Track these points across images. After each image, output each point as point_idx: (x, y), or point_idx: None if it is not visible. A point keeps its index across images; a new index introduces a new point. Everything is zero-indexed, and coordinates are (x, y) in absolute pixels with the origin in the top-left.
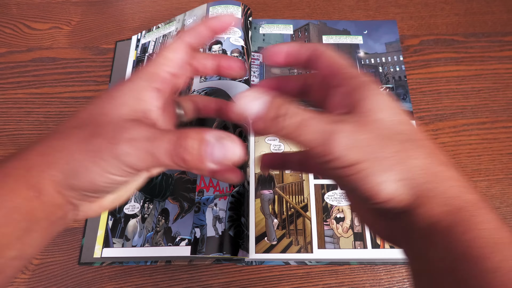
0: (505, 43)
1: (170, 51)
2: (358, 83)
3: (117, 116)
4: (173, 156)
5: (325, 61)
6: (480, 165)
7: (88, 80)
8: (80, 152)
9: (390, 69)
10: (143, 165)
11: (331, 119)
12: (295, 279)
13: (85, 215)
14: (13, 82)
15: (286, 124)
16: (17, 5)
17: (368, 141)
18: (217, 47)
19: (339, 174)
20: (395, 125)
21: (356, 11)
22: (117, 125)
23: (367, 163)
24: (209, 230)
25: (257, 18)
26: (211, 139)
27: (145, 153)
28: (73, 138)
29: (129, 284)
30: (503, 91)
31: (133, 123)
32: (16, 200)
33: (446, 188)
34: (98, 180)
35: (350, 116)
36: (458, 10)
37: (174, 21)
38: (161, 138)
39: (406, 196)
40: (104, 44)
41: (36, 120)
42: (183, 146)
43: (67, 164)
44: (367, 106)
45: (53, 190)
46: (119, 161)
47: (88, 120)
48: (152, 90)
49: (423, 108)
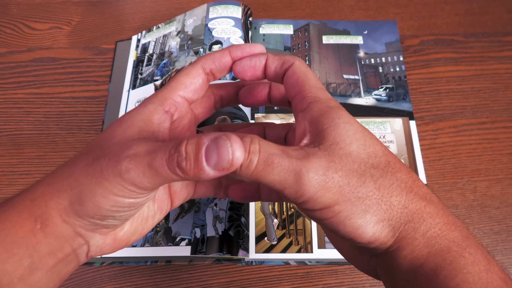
0: (505, 43)
1: (185, 76)
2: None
3: (123, 137)
4: (170, 165)
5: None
6: (480, 165)
7: (88, 80)
8: (85, 175)
9: (390, 69)
10: (145, 180)
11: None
12: (295, 279)
13: (98, 251)
14: (13, 82)
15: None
16: (17, 5)
17: (341, 179)
18: (217, 47)
19: (314, 216)
20: (367, 159)
21: (356, 11)
22: (121, 145)
23: (343, 205)
24: (209, 230)
25: (257, 18)
26: (208, 141)
27: (145, 166)
28: (80, 163)
29: (129, 284)
30: (503, 91)
31: (138, 141)
32: (18, 233)
33: (428, 227)
34: (103, 203)
35: (319, 149)
36: (458, 10)
37: (174, 21)
38: (160, 150)
39: (387, 238)
40: (104, 44)
41: (36, 120)
42: (179, 152)
43: (72, 190)
44: (336, 138)
45: (59, 219)
46: (121, 179)
47: (97, 145)
48: (162, 113)
49: (423, 108)
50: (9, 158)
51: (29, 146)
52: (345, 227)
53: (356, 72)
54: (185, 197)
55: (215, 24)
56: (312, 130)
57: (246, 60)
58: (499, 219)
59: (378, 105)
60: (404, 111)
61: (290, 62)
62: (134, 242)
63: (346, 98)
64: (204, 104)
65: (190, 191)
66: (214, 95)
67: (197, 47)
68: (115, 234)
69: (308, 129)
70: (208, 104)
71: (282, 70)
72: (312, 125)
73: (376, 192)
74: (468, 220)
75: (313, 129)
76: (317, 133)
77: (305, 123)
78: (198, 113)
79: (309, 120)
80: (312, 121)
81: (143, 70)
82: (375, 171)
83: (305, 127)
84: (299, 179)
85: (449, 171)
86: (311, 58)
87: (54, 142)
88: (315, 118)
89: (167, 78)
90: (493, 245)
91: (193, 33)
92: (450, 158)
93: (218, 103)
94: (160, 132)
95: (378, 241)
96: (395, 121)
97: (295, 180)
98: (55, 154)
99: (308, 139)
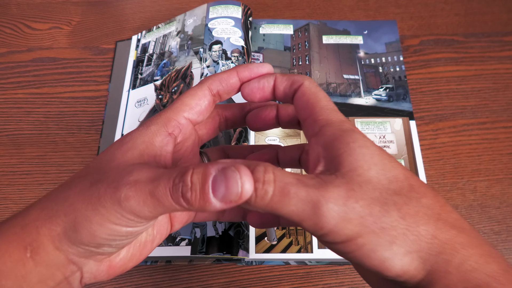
0: (505, 43)
1: (190, 97)
2: (337, 132)
3: (123, 161)
4: (174, 195)
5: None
6: (480, 165)
7: (88, 80)
8: (81, 201)
9: (390, 69)
10: (146, 209)
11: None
12: (295, 279)
13: (92, 278)
14: (13, 82)
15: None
16: (17, 5)
17: (362, 209)
18: (217, 47)
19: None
20: (388, 185)
21: (356, 11)
22: (121, 170)
23: (367, 237)
24: (209, 230)
25: (257, 18)
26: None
27: (146, 194)
28: (76, 188)
29: (129, 284)
30: (503, 91)
31: (139, 166)
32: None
33: (462, 260)
34: (99, 231)
35: (336, 177)
36: (458, 10)
37: (174, 21)
38: (163, 178)
39: (418, 270)
40: (104, 44)
41: (36, 120)
42: (185, 182)
43: (65, 216)
44: (353, 163)
45: (51, 246)
46: (120, 207)
47: (95, 168)
48: (165, 135)
49: (423, 108)
50: (9, 158)
51: (29, 146)
52: (370, 261)
53: (356, 72)
54: (185, 220)
55: (215, 24)
56: (326, 155)
57: (254, 82)
58: (499, 219)
59: (378, 105)
60: (404, 111)
61: (300, 83)
62: (131, 268)
63: (346, 98)
64: (209, 125)
65: (191, 215)
66: (219, 116)
67: (197, 47)
68: (110, 260)
69: (322, 155)
70: (212, 125)
71: (292, 91)
72: (326, 150)
73: (401, 222)
74: (468, 220)
75: (327, 154)
76: (332, 159)
77: (318, 149)
78: (202, 134)
79: (323, 145)
80: (326, 146)
81: (143, 70)
82: (398, 198)
83: (319, 152)
84: (318, 210)
85: (449, 171)
86: (311, 58)
87: (54, 142)
88: (328, 143)
89: (167, 78)
90: (493, 245)
91: (193, 33)
92: (450, 158)
93: (223, 124)
94: (162, 156)
95: (407, 274)
96: (395, 121)
97: (313, 211)
98: (55, 154)
99: (323, 165)
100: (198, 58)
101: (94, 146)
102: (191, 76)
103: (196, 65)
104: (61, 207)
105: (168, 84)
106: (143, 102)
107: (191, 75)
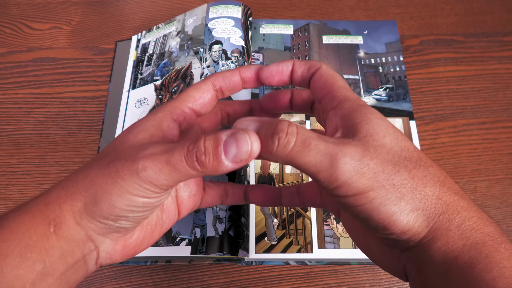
0: (505, 43)
1: (195, 90)
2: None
3: (136, 141)
4: (189, 160)
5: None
6: (480, 165)
7: (88, 80)
8: (101, 176)
9: (390, 69)
10: (162, 177)
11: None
12: (295, 279)
13: (108, 258)
14: (13, 82)
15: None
16: (17, 5)
17: (376, 166)
18: (217, 47)
19: (347, 202)
20: (400, 151)
21: (356, 11)
22: (136, 147)
23: (378, 191)
24: (209, 230)
25: (257, 18)
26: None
27: (162, 163)
28: (95, 166)
29: (129, 284)
30: (503, 91)
31: (152, 143)
32: (32, 237)
33: (463, 220)
34: (118, 202)
35: (353, 140)
36: (458, 10)
37: (174, 21)
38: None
39: (421, 227)
40: (104, 44)
41: (36, 120)
42: (198, 147)
43: (86, 191)
44: (370, 130)
45: (73, 222)
46: (138, 177)
47: (110, 149)
48: (171, 120)
49: (423, 108)
50: (9, 158)
51: (29, 146)
52: (379, 213)
53: (356, 72)
54: (192, 206)
55: (215, 24)
56: (344, 124)
57: (273, 66)
58: (499, 219)
59: (378, 105)
60: (404, 111)
61: (317, 66)
62: (143, 250)
63: None
64: (211, 119)
65: (197, 201)
66: (222, 111)
67: (197, 47)
68: (125, 240)
69: (340, 124)
70: (215, 119)
71: (309, 74)
72: (344, 120)
73: (410, 181)
74: None
75: (345, 123)
76: (350, 127)
77: (336, 119)
78: (204, 127)
79: (341, 116)
80: (343, 117)
81: (143, 70)
82: (408, 163)
83: (336, 123)
84: (335, 162)
85: (449, 171)
86: (311, 58)
87: (54, 142)
88: (347, 114)
89: (167, 78)
90: None
91: (193, 33)
92: (450, 158)
93: (225, 119)
94: (169, 138)
95: (411, 230)
96: (395, 121)
97: (330, 163)
98: (55, 154)
99: (341, 132)
100: (198, 58)
101: (94, 146)
102: (191, 76)
103: (196, 65)
104: (81, 184)
105: (168, 84)
106: (143, 102)
107: (191, 75)
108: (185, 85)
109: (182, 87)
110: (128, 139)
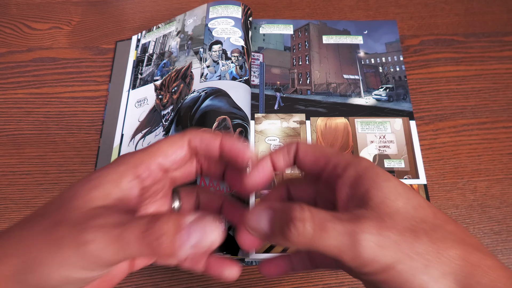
0: (505, 43)
1: (168, 144)
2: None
3: (87, 199)
4: (143, 240)
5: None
6: (480, 165)
7: (88, 80)
8: (40, 242)
9: (390, 69)
10: (110, 253)
11: (349, 217)
12: (295, 279)
13: None
14: (13, 82)
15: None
16: (17, 5)
17: (396, 237)
18: (217, 47)
19: (376, 280)
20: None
21: (356, 11)
22: (85, 212)
23: (405, 262)
24: None
25: (257, 18)
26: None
27: (112, 239)
28: (36, 227)
29: (129, 284)
30: (503, 91)
31: (104, 210)
32: None
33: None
34: (55, 274)
35: (367, 211)
36: (458, 10)
37: (174, 21)
38: (131, 223)
39: None
40: (104, 44)
41: (36, 120)
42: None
43: (19, 257)
44: (380, 197)
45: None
46: (83, 250)
47: (57, 205)
48: (132, 177)
49: (423, 108)
50: (9, 158)
51: (29, 146)
52: (411, 285)
53: (356, 72)
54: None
55: (215, 24)
56: (354, 193)
57: (255, 175)
58: (499, 219)
59: (378, 105)
60: (404, 111)
61: (294, 147)
62: None
63: (346, 98)
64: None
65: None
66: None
67: (197, 47)
68: None
69: (350, 194)
70: (189, 170)
71: (291, 158)
72: (353, 189)
73: (432, 246)
74: (468, 220)
75: (355, 192)
76: (360, 196)
77: (346, 189)
78: (176, 176)
79: (349, 185)
80: (352, 186)
81: (143, 70)
82: (426, 226)
83: (346, 192)
84: (356, 241)
85: (449, 171)
86: (311, 58)
87: (54, 142)
88: (354, 183)
89: (167, 78)
90: (493, 245)
91: (193, 33)
92: (450, 158)
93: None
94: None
95: None
96: (395, 121)
97: (351, 243)
98: (55, 154)
99: (353, 203)
100: (198, 58)
101: (94, 146)
102: (191, 76)
103: (196, 65)
104: (15, 246)
105: (168, 84)
106: (143, 102)
107: (191, 75)
108: (185, 85)
109: (182, 87)
110: (79, 194)
